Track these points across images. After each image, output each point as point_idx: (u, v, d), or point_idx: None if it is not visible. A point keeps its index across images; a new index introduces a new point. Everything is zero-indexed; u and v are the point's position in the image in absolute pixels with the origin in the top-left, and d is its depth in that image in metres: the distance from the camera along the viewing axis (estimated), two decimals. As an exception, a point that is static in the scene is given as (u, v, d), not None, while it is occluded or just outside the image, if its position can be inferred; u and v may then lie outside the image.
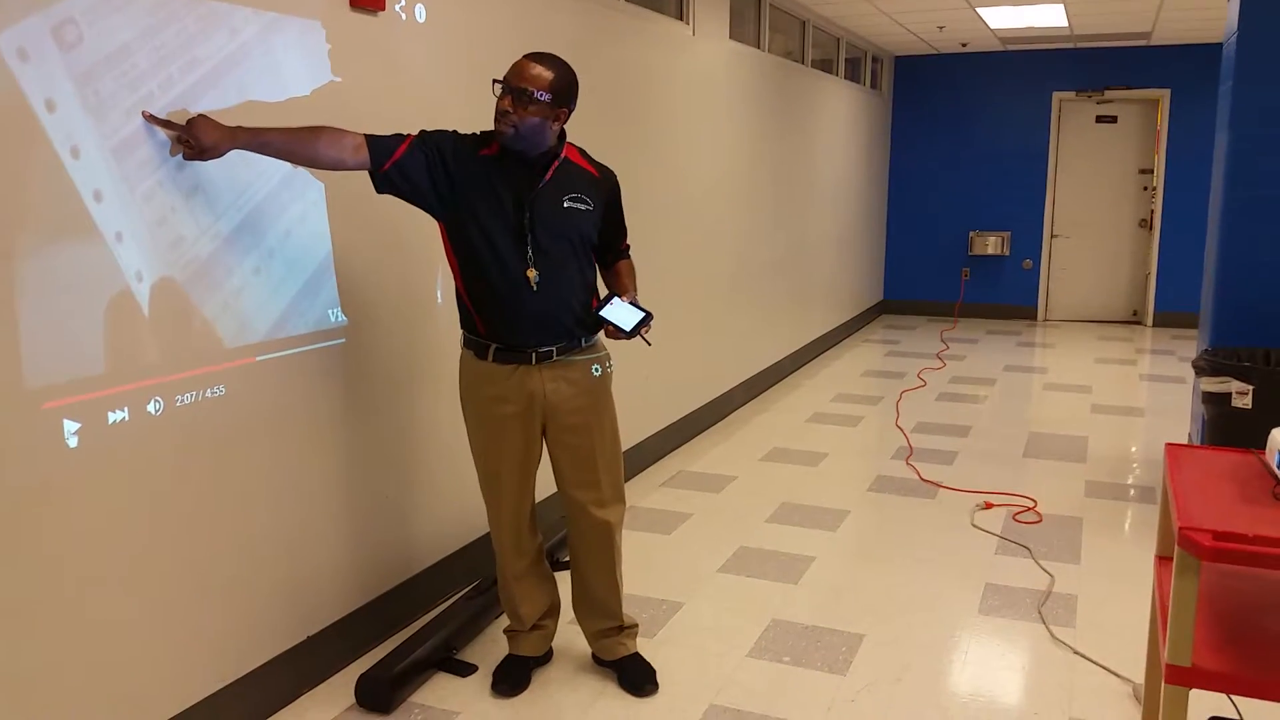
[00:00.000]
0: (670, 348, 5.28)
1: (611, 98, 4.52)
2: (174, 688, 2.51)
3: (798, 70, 7.28)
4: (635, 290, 2.86)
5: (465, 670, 3.05)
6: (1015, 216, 9.90)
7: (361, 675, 2.87)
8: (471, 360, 2.81)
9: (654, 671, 2.98)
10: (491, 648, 3.19)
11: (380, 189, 2.65)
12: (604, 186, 2.81)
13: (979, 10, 7.44)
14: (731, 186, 6.11)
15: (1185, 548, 1.75)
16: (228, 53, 2.54)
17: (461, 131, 2.74)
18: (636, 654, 3.03)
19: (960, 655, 3.17)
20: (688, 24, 5.37)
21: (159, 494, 2.43)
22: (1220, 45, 4.51)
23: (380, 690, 2.83)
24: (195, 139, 2.36)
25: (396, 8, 3.13)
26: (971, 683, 3.02)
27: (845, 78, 8.53)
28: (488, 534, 3.69)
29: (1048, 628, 3.33)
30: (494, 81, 2.63)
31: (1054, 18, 7.74)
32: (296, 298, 2.81)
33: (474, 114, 2.99)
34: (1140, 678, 2.76)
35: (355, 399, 3.06)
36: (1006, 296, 10.07)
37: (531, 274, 2.66)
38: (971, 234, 10.00)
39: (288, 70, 2.73)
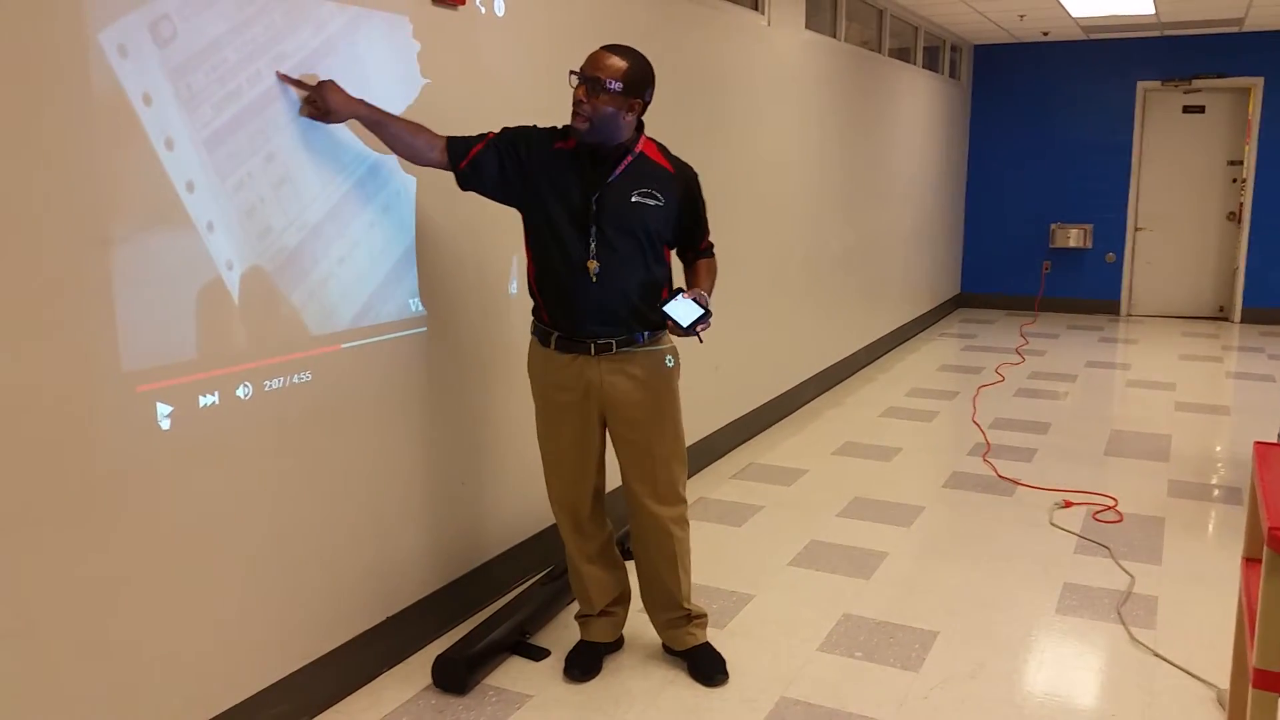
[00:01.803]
0: (741, 339, 5.28)
1: (686, 89, 4.52)
2: (261, 663, 2.60)
3: (874, 59, 7.20)
4: (710, 290, 2.86)
5: (538, 655, 3.09)
6: (1098, 209, 9.67)
7: (438, 657, 2.93)
8: (537, 346, 2.86)
9: (724, 661, 2.99)
10: (564, 633, 3.23)
11: (463, 187, 2.78)
12: (679, 183, 2.81)
13: (1063, -2, 7.28)
14: (806, 177, 6.07)
15: (1275, 548, 1.70)
16: (313, 47, 2.61)
17: (542, 126, 2.78)
18: (707, 644, 3.04)
19: (1036, 654, 3.12)
20: (763, 14, 5.34)
21: (247, 475, 2.51)
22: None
23: (456, 672, 2.88)
24: (323, 100, 2.55)
25: (477, 1, 3.17)
26: (1047, 682, 2.97)
27: (923, 67, 8.41)
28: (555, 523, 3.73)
29: (1127, 629, 3.26)
30: (570, 73, 2.66)
31: (1141, 5, 7.53)
32: (379, 287, 2.87)
33: (551, 107, 3.03)
34: (1224, 683, 2.70)
35: (433, 387, 3.12)
36: (1088, 291, 9.84)
37: (592, 265, 2.69)
38: (1053, 226, 9.79)
39: (372, 64, 2.79)
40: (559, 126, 2.77)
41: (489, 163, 2.72)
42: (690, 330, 2.65)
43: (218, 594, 2.46)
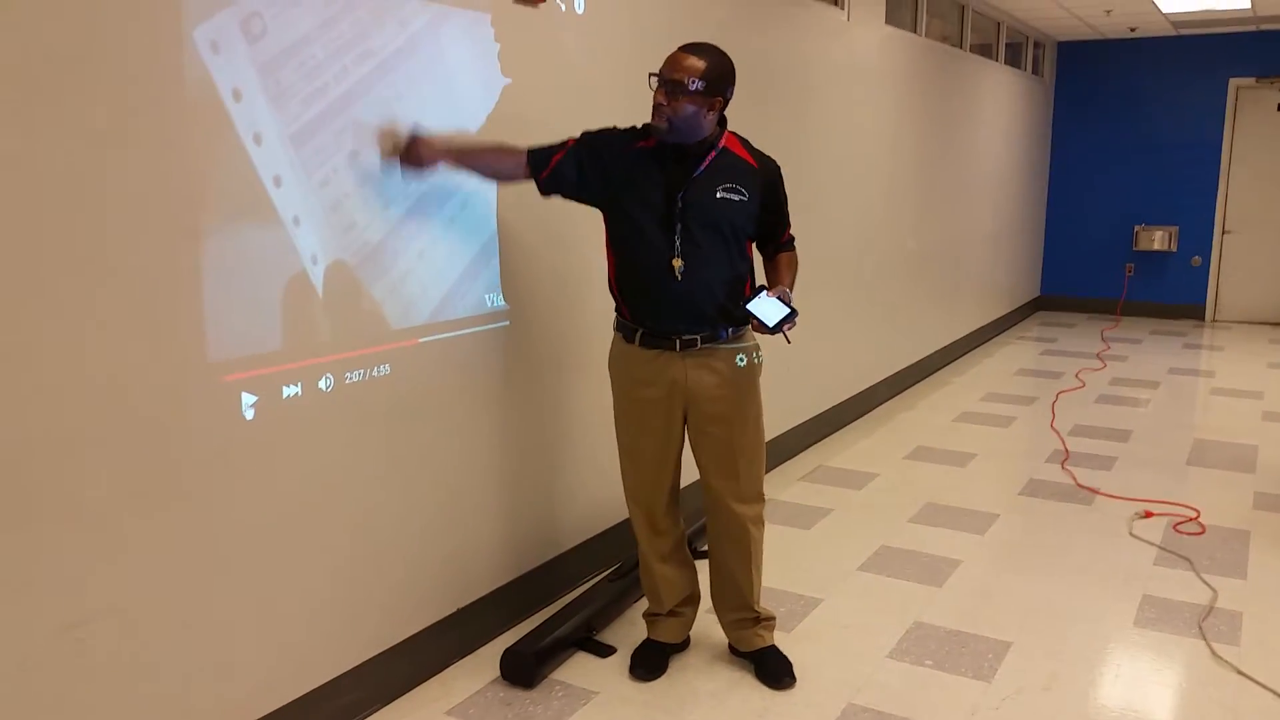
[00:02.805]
0: (814, 339, 5.23)
1: (764, 84, 4.50)
2: (339, 649, 2.65)
3: (956, 55, 7.08)
4: (792, 284, 2.83)
5: (605, 651, 3.11)
6: (1184, 211, 9.38)
7: (507, 650, 2.95)
8: (620, 343, 2.87)
9: (791, 664, 2.97)
10: (630, 630, 3.24)
11: (544, 193, 2.82)
12: (762, 176, 2.79)
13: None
14: (884, 175, 6.00)
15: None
16: (398, 44, 2.64)
17: (622, 126, 2.79)
18: (773, 646, 3.02)
19: (1113, 668, 3.05)
20: (843, 9, 5.28)
21: (328, 466, 2.56)
22: None
23: (525, 665, 2.91)
24: (415, 155, 2.67)
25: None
26: (1124, 697, 2.90)
27: (1005, 63, 8.25)
28: (629, 518, 3.75)
29: (1209, 645, 3.16)
30: (650, 75, 2.66)
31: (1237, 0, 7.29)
32: (457, 283, 2.91)
33: (631, 105, 3.03)
34: (1314, 705, 2.61)
35: (509, 381, 3.14)
36: (1172, 295, 9.56)
37: (677, 263, 2.69)
38: (1136, 228, 9.53)
39: (454, 62, 2.82)
40: (639, 125, 2.77)
41: (568, 169, 2.75)
42: (776, 329, 2.63)
43: (300, 581, 2.52)
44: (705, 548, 3.85)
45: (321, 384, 2.51)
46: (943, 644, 3.18)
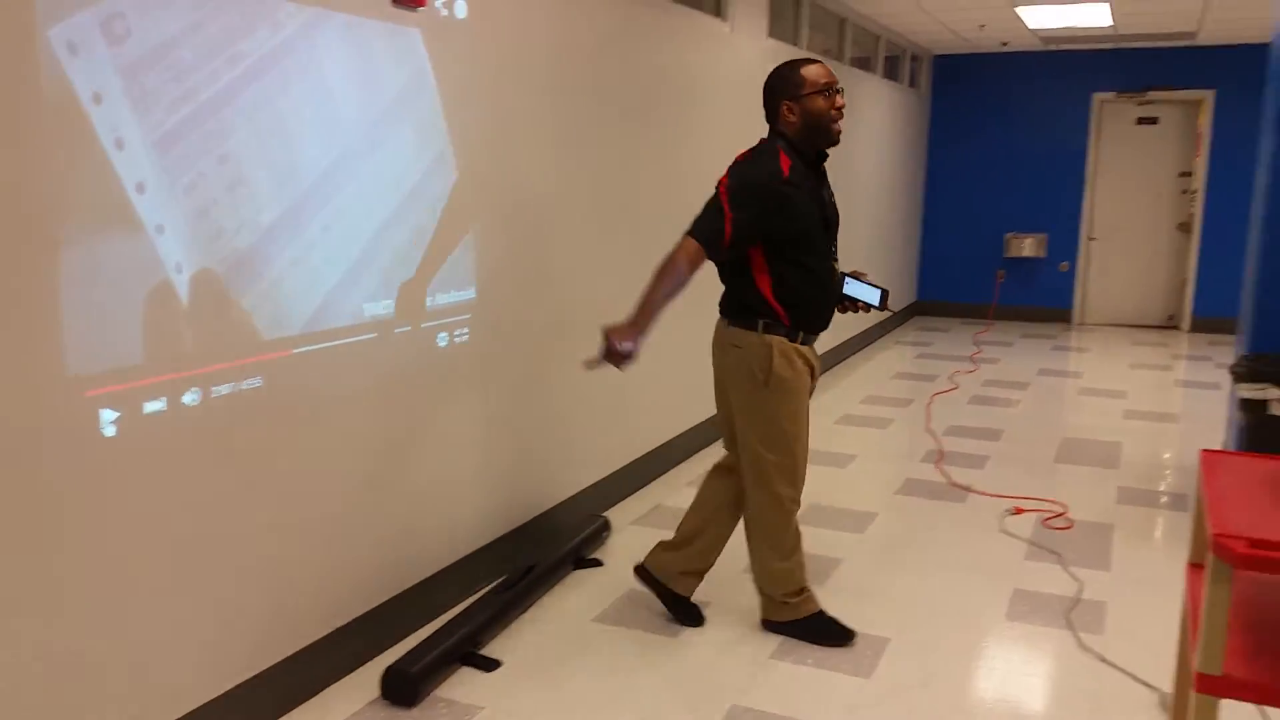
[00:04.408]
0: (694, 350, 5.28)
1: (649, 95, 4.53)
2: (203, 677, 2.55)
3: (836, 68, 7.22)
4: None
5: (490, 665, 3.07)
6: (1052, 218, 9.81)
7: (387, 669, 2.89)
8: (784, 344, 3.05)
9: (847, 631, 3.22)
10: (516, 643, 3.21)
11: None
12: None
13: (1019, 10, 7.37)
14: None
15: (1218, 554, 1.73)
16: (271, 47, 2.58)
17: (752, 170, 3.00)
18: (765, 620, 3.30)
19: (987, 661, 3.16)
20: (726, 21, 5.36)
21: (195, 484, 2.47)
22: (1268, 45, 4.44)
23: (406, 683, 2.85)
24: (620, 346, 2.79)
25: (438, 3, 3.15)
26: (997, 689, 3.00)
27: (884, 76, 8.49)
28: (512, 530, 3.73)
29: (1076, 635, 3.30)
30: (817, 90, 2.99)
31: (1099, 17, 7.65)
32: (333, 291, 2.84)
33: (512, 110, 3.02)
34: (1169, 687, 2.74)
35: (389, 394, 3.09)
36: (1042, 299, 9.98)
37: (835, 265, 3.13)
38: (1007, 236, 9.92)
39: (331, 66, 2.76)
40: (768, 158, 2.99)
41: (743, 237, 2.95)
42: (883, 305, 3.08)
43: (164, 604, 2.42)
44: (592, 557, 3.88)
45: (187, 398, 2.42)
46: (833, 646, 3.24)
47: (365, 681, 2.97)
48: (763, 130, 3.07)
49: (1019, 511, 4.48)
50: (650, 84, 4.57)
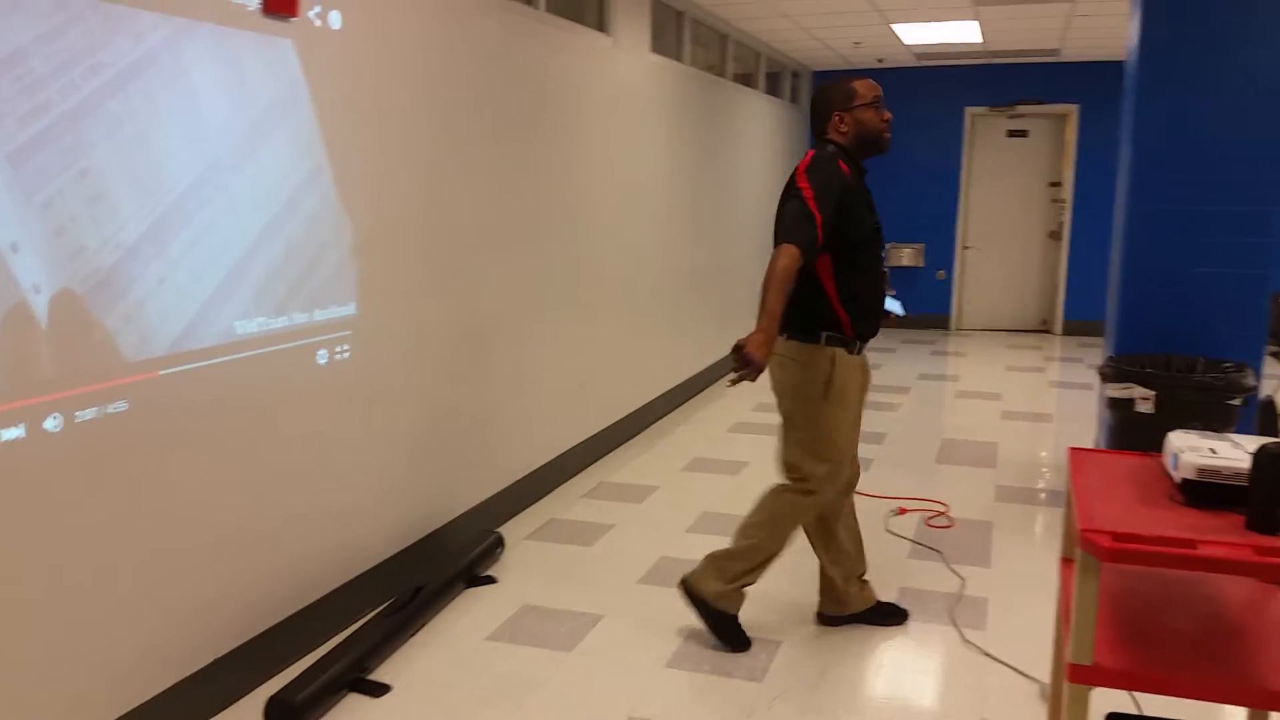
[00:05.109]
0: (593, 359, 5.28)
1: (533, 108, 4.51)
2: (73, 715, 2.43)
3: (719, 84, 7.35)
4: None
5: (379, 691, 3.00)
6: (929, 228, 10.12)
7: (270, 699, 2.80)
8: (844, 355, 3.15)
9: (746, 640, 3.27)
10: (406, 667, 3.14)
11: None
12: None
13: (894, 26, 7.60)
14: (653, 198, 6.14)
15: (1086, 549, 1.79)
16: (132, 59, 2.48)
17: (824, 162, 3.15)
18: (685, 581, 3.38)
19: (875, 659, 3.22)
20: (609, 35, 5.38)
21: (60, 513, 2.34)
22: (1124, 62, 4.67)
23: (290, 713, 2.76)
24: (751, 359, 2.78)
25: (311, 13, 3.08)
26: (886, 686, 3.06)
27: (765, 92, 8.64)
28: (403, 550, 3.65)
29: (959, 630, 3.39)
30: (867, 104, 3.20)
31: (969, 33, 7.94)
32: (202, 310, 2.73)
33: (385, 123, 2.96)
34: (1048, 677, 2.84)
35: (265, 413, 2.99)
36: (921, 306, 10.27)
37: (885, 271, 3.24)
38: (888, 245, 10.19)
39: (198, 78, 2.67)
40: (838, 160, 3.16)
41: (824, 241, 3.03)
42: (905, 315, 3.41)
43: (24, 639, 2.29)
44: (485, 574, 3.83)
45: (49, 424, 2.30)
46: (719, 648, 3.26)
47: (248, 713, 2.87)
48: (648, 143, 3.09)
49: (903, 511, 4.59)
50: (532, 96, 4.55)
